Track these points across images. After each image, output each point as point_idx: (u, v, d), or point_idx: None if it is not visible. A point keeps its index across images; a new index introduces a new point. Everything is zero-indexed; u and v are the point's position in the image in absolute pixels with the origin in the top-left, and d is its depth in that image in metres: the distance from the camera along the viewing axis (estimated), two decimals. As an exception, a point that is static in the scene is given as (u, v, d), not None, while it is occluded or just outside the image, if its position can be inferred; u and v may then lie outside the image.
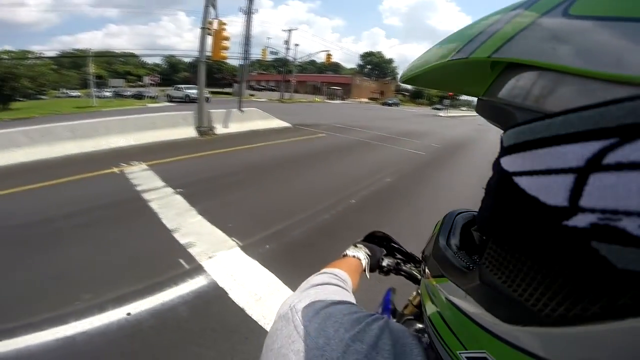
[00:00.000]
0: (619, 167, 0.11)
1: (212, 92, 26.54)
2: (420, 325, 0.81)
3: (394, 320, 0.87)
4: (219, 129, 8.62)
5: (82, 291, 2.18)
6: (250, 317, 2.01)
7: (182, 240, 2.94)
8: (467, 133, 15.15)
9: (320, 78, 47.23)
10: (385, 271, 0.74)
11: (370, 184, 5.03)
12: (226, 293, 2.24)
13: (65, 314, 1.98)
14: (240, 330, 1.89)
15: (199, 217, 3.44)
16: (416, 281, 0.72)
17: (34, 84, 25.76)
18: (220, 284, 2.33)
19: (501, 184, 0.17)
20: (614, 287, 0.12)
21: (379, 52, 70.71)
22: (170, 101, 23.30)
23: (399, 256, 0.78)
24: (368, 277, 0.71)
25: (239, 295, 2.22)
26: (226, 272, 2.49)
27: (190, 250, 2.77)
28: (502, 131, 0.19)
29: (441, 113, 33.93)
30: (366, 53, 69.83)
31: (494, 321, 0.18)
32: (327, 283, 0.46)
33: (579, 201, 0.12)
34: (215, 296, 2.22)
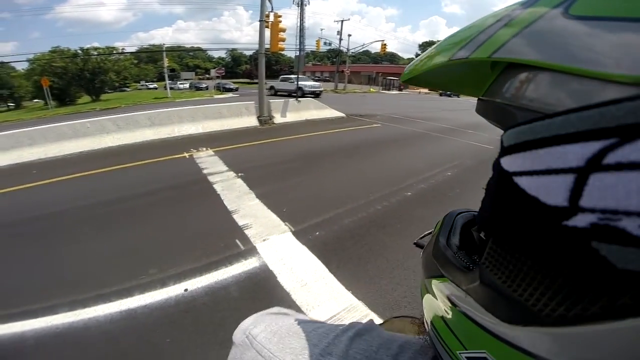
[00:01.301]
0: (619, 167, 0.11)
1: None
2: None
3: None
4: (278, 118, 8.92)
5: (148, 266, 2.41)
6: (295, 302, 2.03)
7: (240, 221, 3.11)
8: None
9: (375, 68, 45.79)
10: None
11: (429, 177, 4.72)
12: (275, 276, 2.30)
13: (131, 287, 2.20)
14: None
15: (257, 201, 3.60)
16: None
17: (118, 77, 29.72)
18: (271, 267, 2.40)
19: (501, 184, 0.17)
20: (614, 287, 0.12)
21: (439, 41, 66.94)
22: (275, 94, 19.40)
23: None
24: None
25: (286, 280, 2.26)
26: (277, 255, 2.55)
27: (247, 232, 2.91)
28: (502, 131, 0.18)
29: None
30: (425, 42, 66.55)
31: (494, 321, 0.18)
32: (284, 314, 0.42)
33: (579, 201, 0.12)
34: (264, 278, 2.29)
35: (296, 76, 21.01)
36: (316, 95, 18.85)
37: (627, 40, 0.13)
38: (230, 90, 28.01)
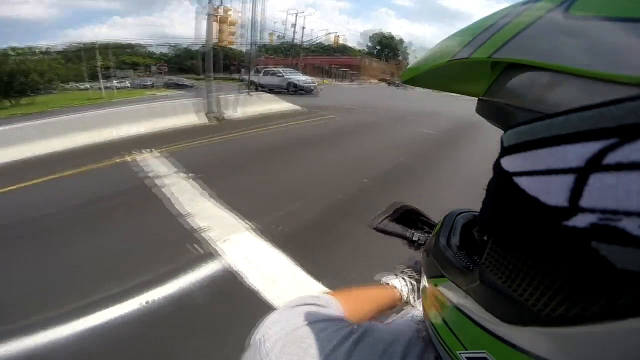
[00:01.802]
0: (619, 167, 0.11)
1: (221, 79, 20.63)
2: None
3: None
4: (229, 114, 8.56)
5: (103, 281, 2.18)
6: (265, 300, 1.99)
7: (197, 224, 2.93)
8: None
9: (329, 60, 46.08)
10: (417, 246, 0.70)
11: (383, 163, 4.94)
12: (241, 276, 2.22)
13: (88, 304, 1.98)
14: (256, 314, 1.85)
15: (212, 201, 3.42)
16: None
17: (43, 78, 26.24)
18: (235, 268, 2.31)
19: (501, 184, 0.17)
20: (614, 287, 0.12)
21: (388, 33, 69.06)
22: (257, 90, 14.17)
23: (427, 229, 0.72)
24: (414, 304, 0.61)
25: (253, 278, 2.20)
26: (240, 255, 2.47)
27: (205, 235, 2.75)
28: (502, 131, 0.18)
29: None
30: (375, 34, 68.86)
31: (494, 321, 0.18)
32: (307, 304, 0.42)
33: (579, 201, 0.13)
34: (230, 280, 2.20)
35: (286, 69, 17.84)
36: (309, 91, 16.24)
37: (627, 41, 0.13)
38: (184, 86, 25.81)
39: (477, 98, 0.26)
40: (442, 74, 0.28)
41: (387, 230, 0.67)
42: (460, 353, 0.22)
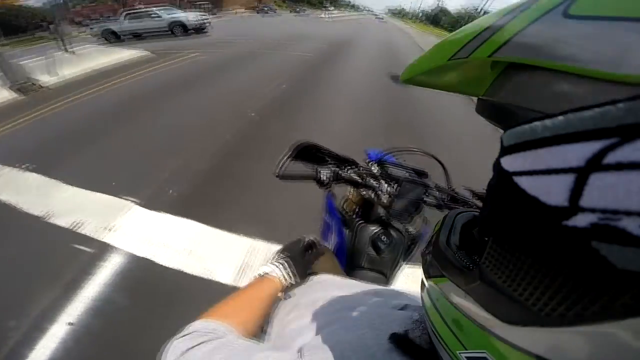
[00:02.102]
0: (619, 167, 0.11)
1: (24, 42, 14.62)
2: (373, 228, 0.81)
3: (346, 228, 0.87)
4: (46, 80, 6.41)
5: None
6: (192, 275, 1.79)
7: (64, 222, 2.28)
8: (348, 30, 16.23)
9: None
10: (327, 184, 0.70)
11: (267, 94, 4.75)
12: (152, 261, 1.90)
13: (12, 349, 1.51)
14: (190, 294, 1.66)
15: (71, 188, 2.67)
16: (356, 184, 0.73)
17: None
18: (140, 254, 1.96)
19: (501, 184, 0.17)
20: (614, 287, 0.12)
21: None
22: (119, 39, 12.47)
23: (331, 161, 0.73)
24: (292, 280, 0.61)
25: (166, 258, 1.91)
26: (139, 238, 2.09)
27: (82, 231, 2.18)
28: (502, 131, 0.19)
29: (323, 15, 35.98)
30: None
31: (494, 321, 0.18)
32: (191, 347, 0.39)
33: (579, 201, 0.13)
34: (141, 268, 1.87)
35: (160, 8, 13.30)
36: (202, 29, 13.21)
37: (627, 40, 0.13)
38: None
39: (478, 98, 0.26)
40: (441, 73, 0.29)
41: (293, 175, 0.66)
42: (460, 353, 0.22)
